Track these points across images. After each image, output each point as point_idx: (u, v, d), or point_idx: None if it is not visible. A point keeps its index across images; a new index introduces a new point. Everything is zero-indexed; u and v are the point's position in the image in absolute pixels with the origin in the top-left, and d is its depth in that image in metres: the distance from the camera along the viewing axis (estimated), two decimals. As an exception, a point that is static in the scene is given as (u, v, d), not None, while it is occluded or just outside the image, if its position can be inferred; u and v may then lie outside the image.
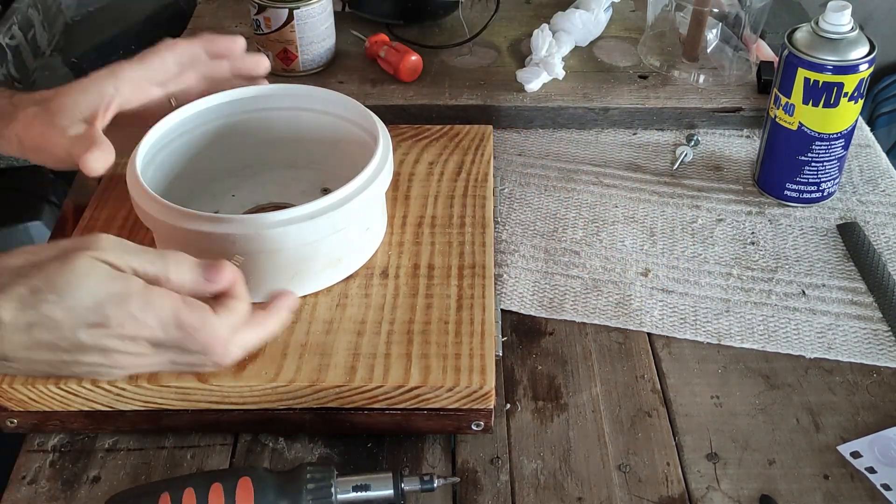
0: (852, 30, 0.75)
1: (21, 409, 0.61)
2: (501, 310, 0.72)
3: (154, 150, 0.69)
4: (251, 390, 0.60)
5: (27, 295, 0.48)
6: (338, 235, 0.64)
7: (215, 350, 0.53)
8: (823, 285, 0.75)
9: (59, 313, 0.49)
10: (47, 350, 0.50)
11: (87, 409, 0.61)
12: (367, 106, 0.72)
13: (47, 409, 0.61)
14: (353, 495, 0.56)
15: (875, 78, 1.67)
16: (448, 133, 0.84)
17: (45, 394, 0.60)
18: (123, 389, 0.60)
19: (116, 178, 0.74)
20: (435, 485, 0.57)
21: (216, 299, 0.54)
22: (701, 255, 0.78)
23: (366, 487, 0.56)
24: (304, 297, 0.66)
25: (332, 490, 0.55)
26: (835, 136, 0.79)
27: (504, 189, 0.86)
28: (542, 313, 0.73)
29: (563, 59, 0.97)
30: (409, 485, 0.57)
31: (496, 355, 0.64)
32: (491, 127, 0.85)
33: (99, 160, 0.63)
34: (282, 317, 0.57)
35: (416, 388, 0.59)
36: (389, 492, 0.56)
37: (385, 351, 0.62)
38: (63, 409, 0.61)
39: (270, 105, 0.75)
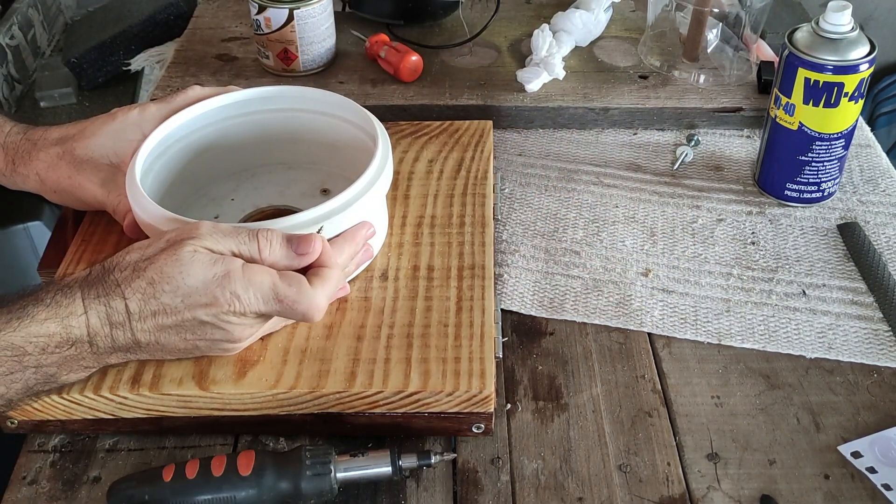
0: (853, 30, 0.75)
1: (24, 418, 0.61)
2: (502, 310, 0.72)
3: (151, 158, 0.69)
4: (252, 397, 0.60)
5: (147, 287, 0.55)
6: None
7: (313, 317, 0.58)
8: (824, 285, 0.75)
9: (176, 300, 0.55)
10: (175, 332, 0.56)
11: (90, 417, 0.61)
12: (367, 106, 0.72)
13: (50, 418, 0.61)
14: (351, 473, 0.57)
15: (875, 78, 1.67)
16: (447, 129, 0.84)
17: (48, 403, 0.60)
18: (125, 398, 0.60)
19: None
20: (432, 460, 0.58)
21: (310, 268, 0.59)
22: (701, 255, 0.78)
23: (364, 463, 0.57)
24: None
25: (331, 467, 0.55)
26: (835, 136, 0.79)
27: (504, 189, 0.86)
28: (543, 313, 0.73)
29: (564, 59, 0.97)
30: (407, 461, 0.57)
31: (496, 357, 0.64)
32: (490, 122, 0.85)
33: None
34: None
35: (415, 393, 0.59)
36: (387, 468, 0.57)
37: (385, 356, 0.61)
38: (66, 418, 0.61)
39: (266, 107, 0.75)
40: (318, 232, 0.61)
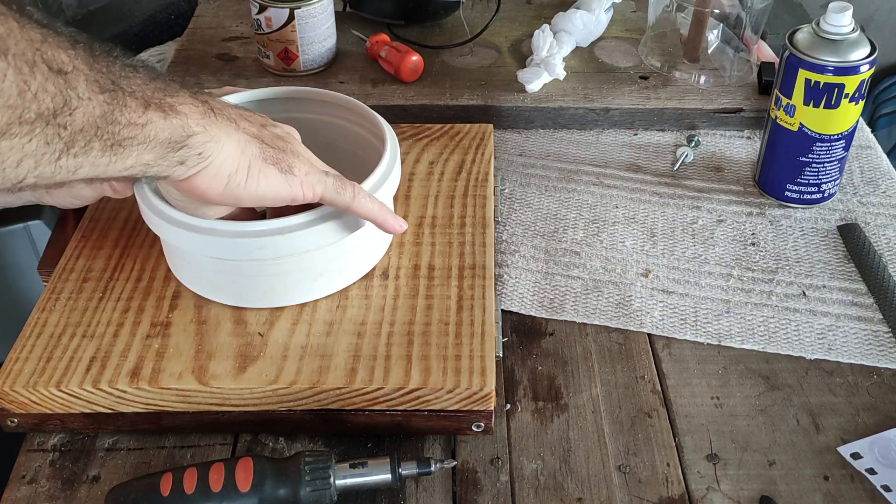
0: (853, 31, 0.75)
1: (22, 412, 0.61)
2: (502, 310, 0.72)
3: None
4: (252, 392, 0.60)
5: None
6: (362, 232, 0.64)
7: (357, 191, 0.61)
8: (824, 286, 0.75)
9: (252, 127, 0.59)
10: (249, 123, 0.59)
11: (88, 411, 0.61)
12: (367, 106, 0.72)
13: (48, 412, 0.61)
14: (351, 480, 0.56)
15: (876, 79, 1.67)
16: (448, 132, 0.84)
17: (47, 396, 0.60)
18: (124, 392, 0.60)
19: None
20: (432, 468, 0.58)
21: None
22: (701, 255, 0.78)
23: (364, 472, 0.57)
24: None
25: (331, 473, 0.55)
26: (835, 137, 0.79)
27: (505, 189, 0.86)
28: (543, 314, 0.73)
29: (564, 59, 0.97)
30: (407, 469, 0.57)
31: (496, 356, 0.64)
32: (491, 126, 0.85)
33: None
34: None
35: (416, 389, 0.59)
36: (387, 476, 0.57)
37: (385, 353, 0.61)
38: (64, 412, 0.61)
39: (262, 110, 0.75)
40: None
